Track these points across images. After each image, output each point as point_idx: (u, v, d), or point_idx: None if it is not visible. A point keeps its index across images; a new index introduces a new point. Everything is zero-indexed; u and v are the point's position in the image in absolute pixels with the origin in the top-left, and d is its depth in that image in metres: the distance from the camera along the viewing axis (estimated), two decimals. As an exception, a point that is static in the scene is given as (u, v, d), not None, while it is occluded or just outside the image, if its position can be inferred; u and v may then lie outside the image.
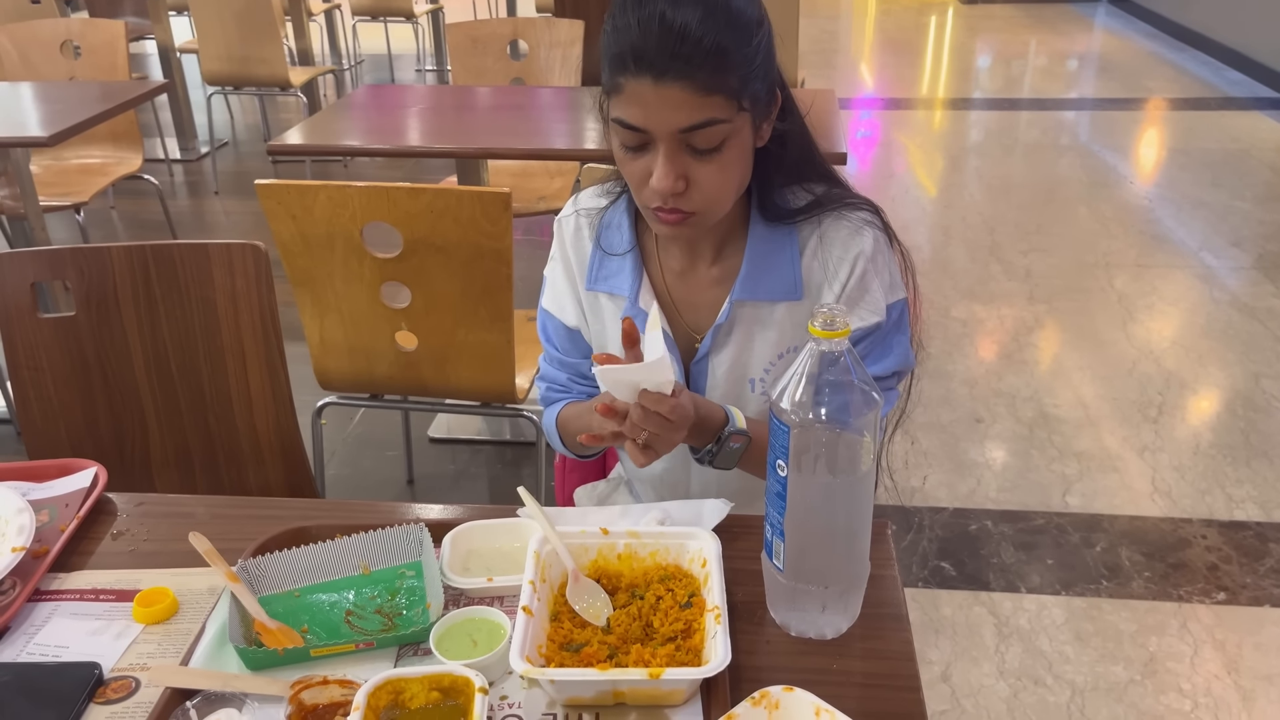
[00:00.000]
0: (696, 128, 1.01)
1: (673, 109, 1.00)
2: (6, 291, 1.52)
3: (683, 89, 0.99)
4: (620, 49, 1.01)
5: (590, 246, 1.23)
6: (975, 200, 4.73)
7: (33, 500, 1.17)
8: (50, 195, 3.38)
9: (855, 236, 1.16)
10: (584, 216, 1.24)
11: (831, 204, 1.17)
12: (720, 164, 1.05)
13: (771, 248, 1.17)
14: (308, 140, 2.62)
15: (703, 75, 0.99)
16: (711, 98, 1.00)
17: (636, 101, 1.01)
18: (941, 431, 2.93)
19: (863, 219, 1.17)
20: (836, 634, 0.97)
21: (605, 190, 1.25)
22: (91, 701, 0.90)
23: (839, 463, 0.89)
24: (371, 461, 2.87)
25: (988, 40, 8.40)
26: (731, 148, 1.05)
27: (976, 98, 6.73)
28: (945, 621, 2.23)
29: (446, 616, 0.95)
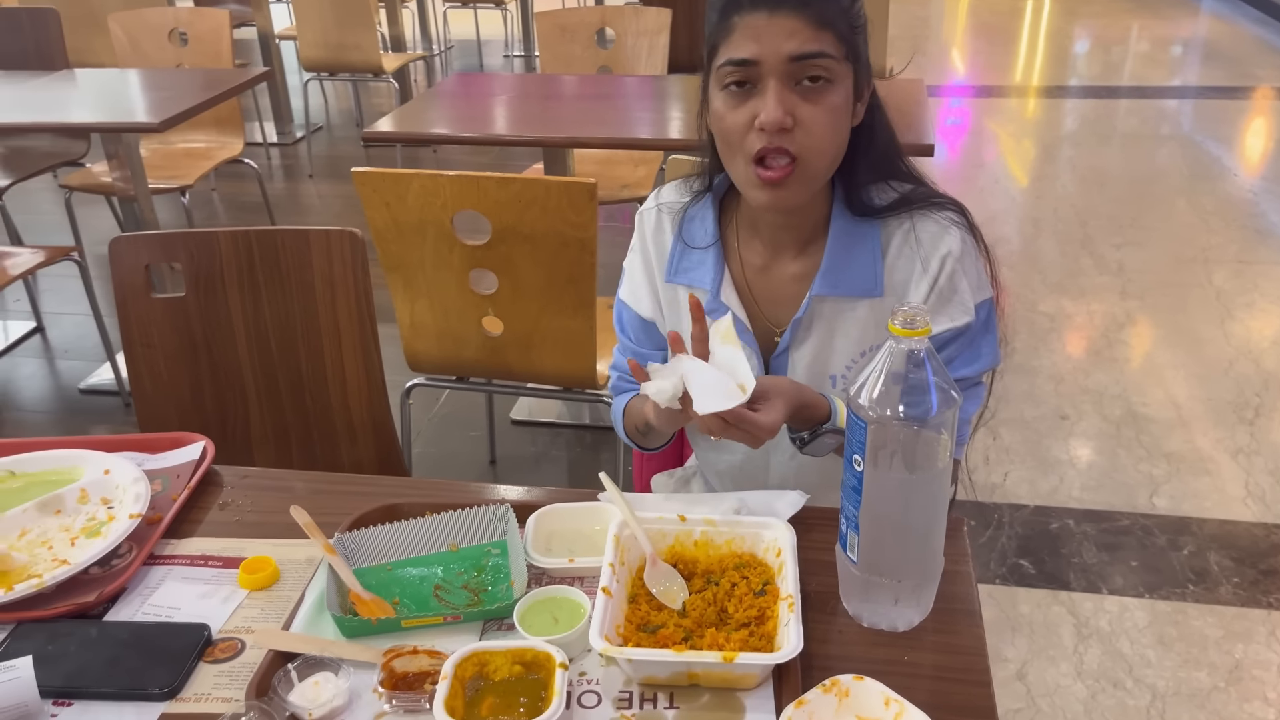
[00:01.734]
0: (808, 57, 1.05)
1: (786, 36, 1.04)
2: (123, 272, 1.61)
3: (797, 18, 1.04)
4: None
5: (671, 239, 1.26)
6: (1068, 191, 4.62)
7: (147, 470, 1.24)
8: (158, 178, 3.53)
9: (943, 236, 1.17)
10: (666, 211, 1.27)
11: (918, 202, 1.18)
12: (826, 108, 1.07)
13: (853, 243, 1.18)
14: (399, 128, 2.69)
15: (817, 7, 1.04)
16: (823, 32, 1.05)
17: (749, 34, 1.05)
18: (1025, 428, 2.89)
19: (949, 218, 1.17)
20: (909, 626, 0.98)
21: (689, 186, 1.27)
22: (201, 660, 0.96)
23: (915, 459, 0.91)
24: (456, 441, 2.94)
25: (1087, 25, 8.16)
26: (837, 94, 1.08)
27: (1073, 85, 6.56)
28: (1023, 619, 2.22)
29: (530, 594, 0.99)
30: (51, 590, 1.04)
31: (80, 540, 1.11)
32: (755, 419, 1.04)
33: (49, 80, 3.29)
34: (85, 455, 1.23)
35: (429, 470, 2.79)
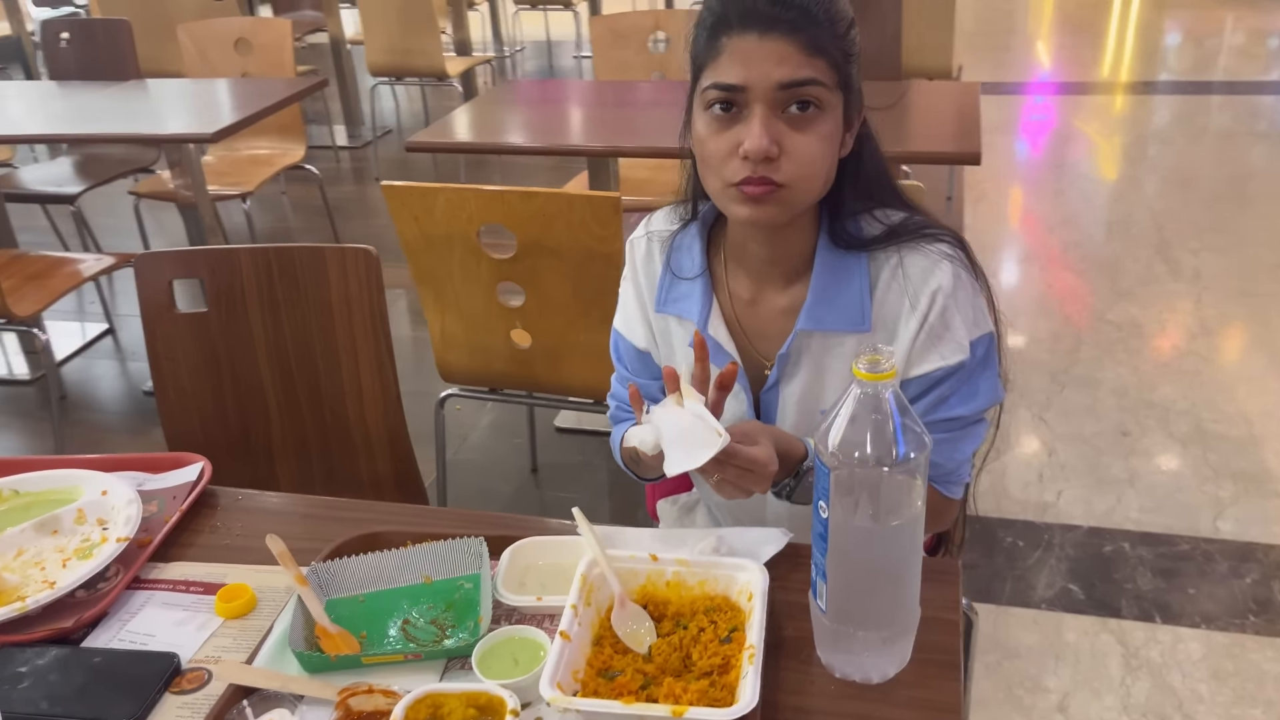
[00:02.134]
0: (798, 84, 1.01)
1: (776, 62, 1.00)
2: (147, 288, 1.65)
3: (788, 44, 1.00)
4: (725, 10, 1.03)
5: (660, 269, 1.23)
6: (1147, 193, 4.44)
7: (146, 491, 1.26)
8: (222, 184, 3.62)
9: (933, 270, 1.11)
10: (655, 239, 1.24)
11: (909, 234, 1.13)
12: (815, 136, 1.03)
13: (840, 276, 1.13)
14: (444, 137, 2.71)
15: (810, 33, 1.01)
16: (815, 59, 1.01)
17: (738, 59, 1.01)
18: (1083, 444, 2.77)
19: (942, 251, 1.12)
20: (883, 679, 0.94)
21: (678, 213, 1.24)
22: (168, 690, 0.97)
23: (883, 506, 0.86)
24: (502, 449, 2.95)
25: (1178, 17, 7.83)
26: (827, 122, 1.04)
27: (1162, 80, 6.31)
28: (1068, 648, 2.13)
29: (493, 633, 0.97)
30: (37, 613, 1.06)
31: (72, 562, 1.13)
32: (751, 453, 1.00)
33: (119, 90, 3.40)
34: (86, 476, 1.25)
35: (472, 476, 2.81)
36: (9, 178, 3.90)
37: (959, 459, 1.18)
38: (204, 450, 1.73)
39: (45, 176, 3.89)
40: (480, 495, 2.73)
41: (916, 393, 1.15)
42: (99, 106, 3.26)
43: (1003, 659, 2.11)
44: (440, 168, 5.30)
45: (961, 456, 1.18)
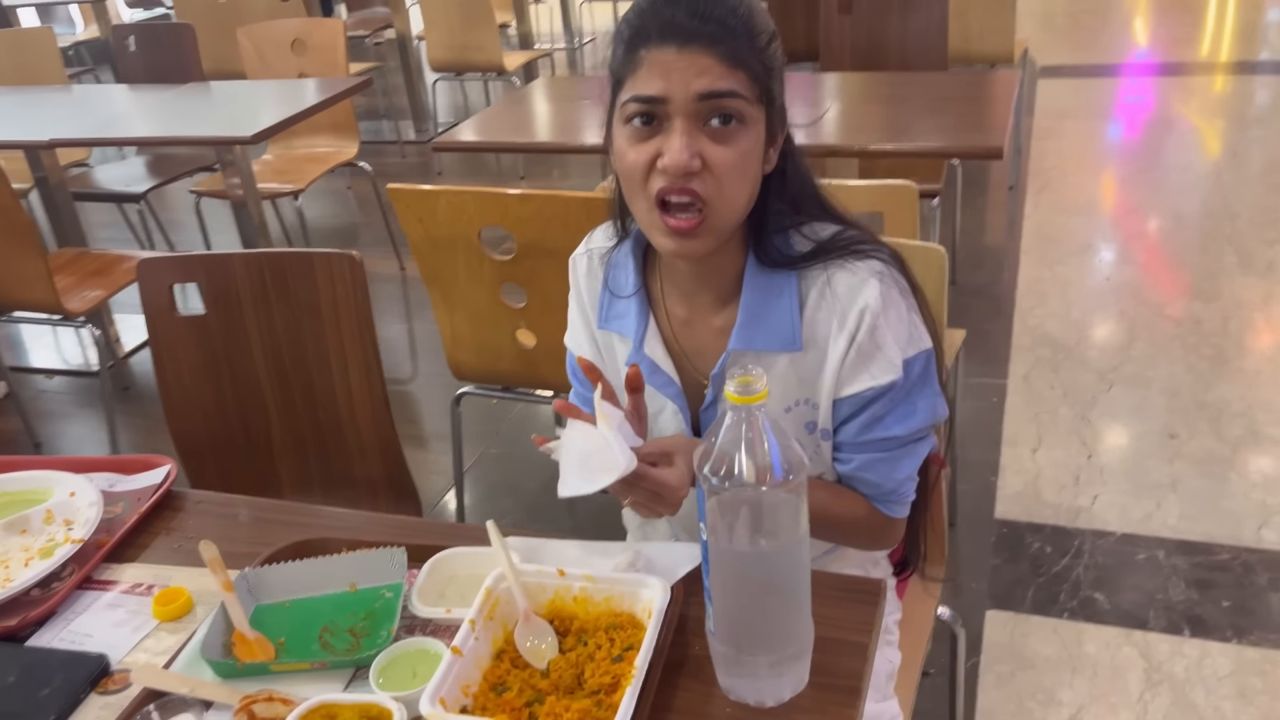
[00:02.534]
0: (719, 95, 0.99)
1: (697, 73, 0.99)
2: (150, 292, 1.71)
3: (708, 55, 0.99)
4: (643, 24, 1.02)
5: (600, 286, 1.22)
6: (1225, 180, 4.22)
7: (115, 492, 1.32)
8: (278, 181, 3.73)
9: (860, 289, 1.08)
10: (595, 255, 1.24)
11: (837, 251, 1.10)
12: (737, 151, 1.02)
13: (769, 295, 1.11)
14: (476, 135, 2.74)
15: (730, 45, 0.99)
16: (736, 71, 1.00)
17: (657, 70, 1.00)
18: (1125, 446, 2.67)
19: (870, 269, 1.08)
20: (778, 702, 0.92)
21: (615, 229, 1.23)
22: (93, 691, 1.01)
23: (761, 528, 0.85)
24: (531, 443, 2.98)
25: (1279, -10, 7.41)
26: (749, 137, 1.02)
27: (1264, 60, 5.99)
28: (1086, 660, 2.05)
29: (398, 644, 0.99)
30: (-8, 610, 1.11)
31: (34, 561, 1.19)
32: (659, 476, 1.00)
33: (180, 92, 3.53)
34: (58, 477, 1.31)
35: (497, 471, 2.84)
36: (84, 177, 4.08)
37: (898, 478, 1.15)
38: (208, 449, 1.80)
39: (117, 176, 4.06)
40: (507, 491, 2.77)
41: (849, 412, 1.13)
42: (158, 109, 3.40)
43: (1016, 669, 2.05)
44: (502, 162, 5.36)
45: (901, 475, 1.15)
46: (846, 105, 2.78)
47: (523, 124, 2.90)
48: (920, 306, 1.12)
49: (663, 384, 1.17)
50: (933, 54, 3.26)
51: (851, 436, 1.13)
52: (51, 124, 3.23)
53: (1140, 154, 4.66)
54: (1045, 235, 3.91)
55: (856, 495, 1.16)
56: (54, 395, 3.47)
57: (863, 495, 1.16)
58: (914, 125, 2.54)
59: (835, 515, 1.15)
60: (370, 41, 6.79)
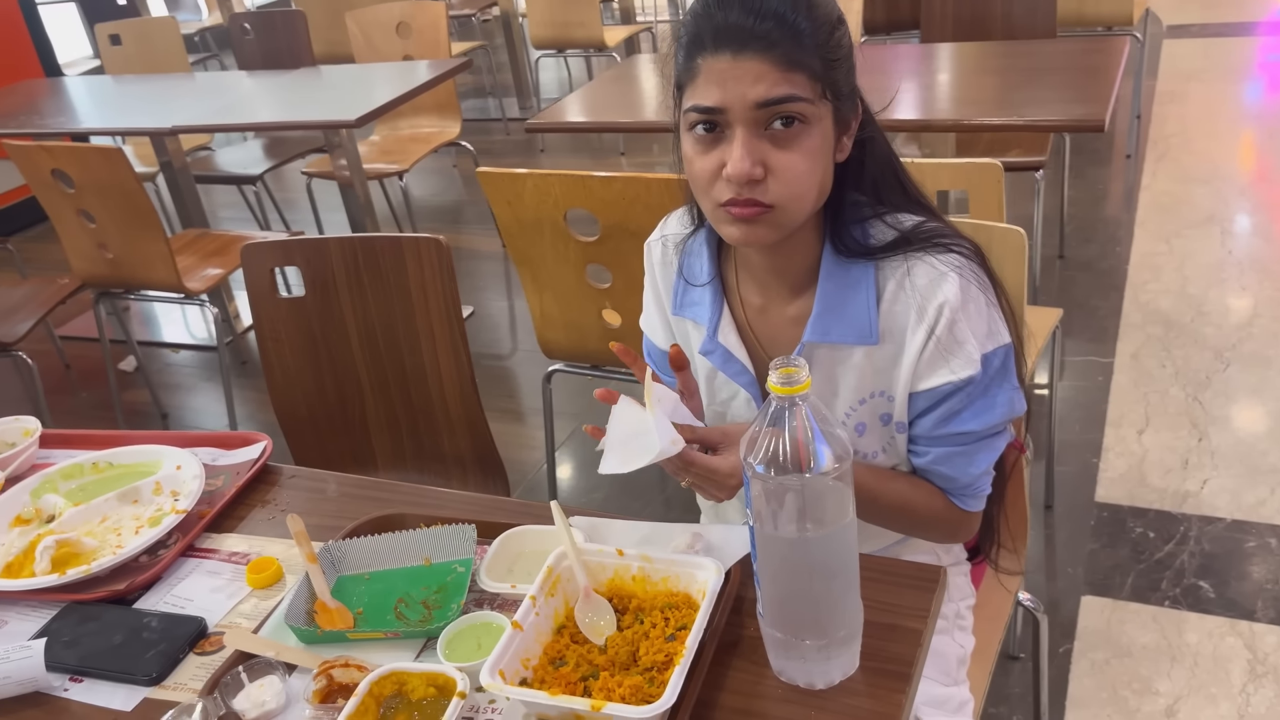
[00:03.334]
0: (776, 102, 0.98)
1: (752, 82, 0.98)
2: (253, 275, 1.80)
3: (763, 62, 0.97)
4: (698, 30, 1.01)
5: (675, 273, 1.24)
6: (1363, 145, 3.96)
7: (216, 466, 1.41)
8: (384, 162, 3.84)
9: (940, 283, 1.06)
10: (670, 242, 1.25)
11: (918, 243, 1.08)
12: (801, 153, 1.01)
13: (845, 287, 1.10)
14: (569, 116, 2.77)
15: (784, 49, 0.97)
16: (793, 74, 0.98)
17: (714, 80, 0.99)
18: (1240, 429, 2.56)
19: (951, 263, 1.07)
20: (828, 684, 0.93)
21: (691, 216, 1.24)
22: (191, 651, 1.09)
23: (807, 515, 0.86)
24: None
25: None
26: (813, 136, 1.01)
27: None
28: (1186, 650, 1.99)
29: (465, 617, 1.04)
30: (105, 574, 1.21)
31: (143, 529, 1.28)
32: (709, 462, 1.02)
33: (293, 77, 3.67)
34: (166, 451, 1.40)
35: (586, 447, 2.89)
36: (206, 160, 4.29)
37: (974, 473, 1.14)
38: (308, 425, 1.89)
39: (236, 159, 4.25)
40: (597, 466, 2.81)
41: (926, 405, 1.12)
42: (272, 94, 3.54)
43: (1111, 657, 2.00)
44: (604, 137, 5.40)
45: (977, 470, 1.14)
46: (944, 77, 2.72)
47: (618, 101, 2.93)
48: (1000, 300, 1.10)
49: (736, 372, 1.18)
50: (1040, 20, 3.14)
51: (928, 430, 1.12)
52: (175, 111, 3.40)
53: (1272, 118, 4.40)
54: (1163, 206, 3.74)
55: (935, 488, 1.16)
56: (179, 369, 3.68)
57: (938, 488, 1.16)
58: (1013, 97, 2.47)
59: (913, 507, 1.15)
60: (477, 19, 6.90)
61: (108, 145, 2.67)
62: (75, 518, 1.30)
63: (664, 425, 0.97)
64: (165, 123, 3.25)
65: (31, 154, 2.72)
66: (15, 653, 1.04)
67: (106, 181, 2.70)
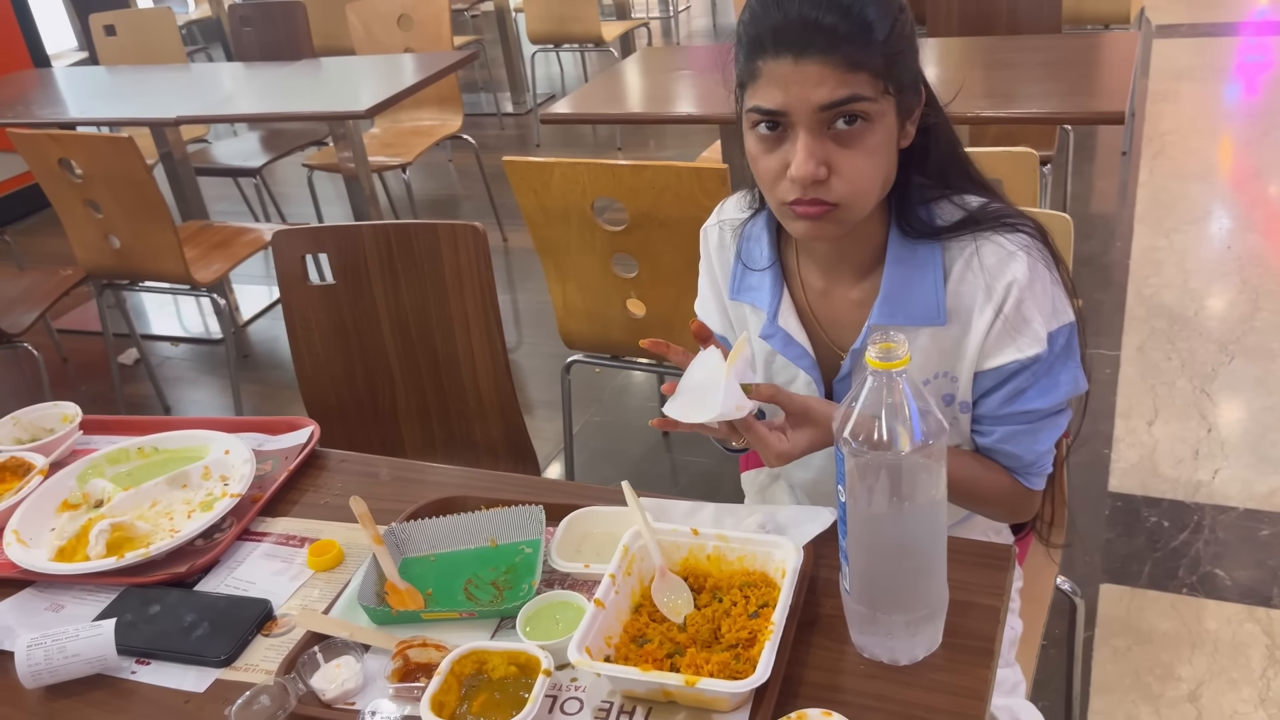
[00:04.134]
0: (839, 104, 0.98)
1: (814, 85, 0.97)
2: (284, 262, 1.79)
3: (824, 64, 0.97)
4: (758, 30, 1.00)
5: (733, 257, 1.24)
6: (1354, 143, 4.02)
7: (264, 451, 1.40)
8: (385, 154, 3.83)
9: (1009, 262, 1.07)
10: (727, 227, 1.25)
11: (985, 222, 1.09)
12: (864, 151, 1.01)
13: (912, 269, 1.11)
14: (579, 108, 2.77)
15: (845, 50, 0.96)
16: (855, 75, 0.97)
17: (776, 83, 0.99)
18: (1248, 419, 2.59)
19: (1019, 242, 1.08)
20: (911, 661, 0.94)
21: (748, 201, 1.24)
22: (259, 633, 1.09)
23: (900, 492, 0.87)
24: (634, 412, 3.03)
25: None
26: (876, 133, 1.01)
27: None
28: (1206, 636, 2.02)
29: (540, 596, 1.04)
30: (161, 558, 1.20)
31: (196, 513, 1.27)
32: (761, 434, 1.02)
33: (293, 69, 3.64)
34: (213, 436, 1.39)
35: (603, 438, 2.89)
36: (203, 152, 4.25)
37: (1039, 450, 1.15)
38: (337, 413, 1.88)
39: (233, 150, 4.22)
40: (610, 456, 2.82)
41: (991, 385, 1.13)
42: (272, 86, 3.51)
43: (1133, 644, 2.02)
44: (599, 132, 5.40)
45: (1041, 448, 1.15)
46: (954, 71, 2.73)
47: (625, 95, 2.93)
48: (1064, 279, 1.11)
49: (797, 356, 1.19)
50: (1045, 15, 3.17)
51: (993, 409, 1.13)
52: (174, 102, 3.37)
53: (1263, 116, 4.46)
54: (1161, 202, 3.78)
55: (1000, 467, 1.17)
56: (178, 362, 3.65)
57: (1003, 467, 1.17)
58: (1025, 90, 2.49)
59: (983, 486, 1.16)
60: (468, 14, 6.88)
61: (116, 135, 2.64)
62: (125, 502, 1.29)
63: (733, 388, 0.97)
64: (166, 113, 3.22)
65: (39, 143, 2.69)
66: (84, 631, 1.03)
67: (115, 171, 2.68)
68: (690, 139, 4.90)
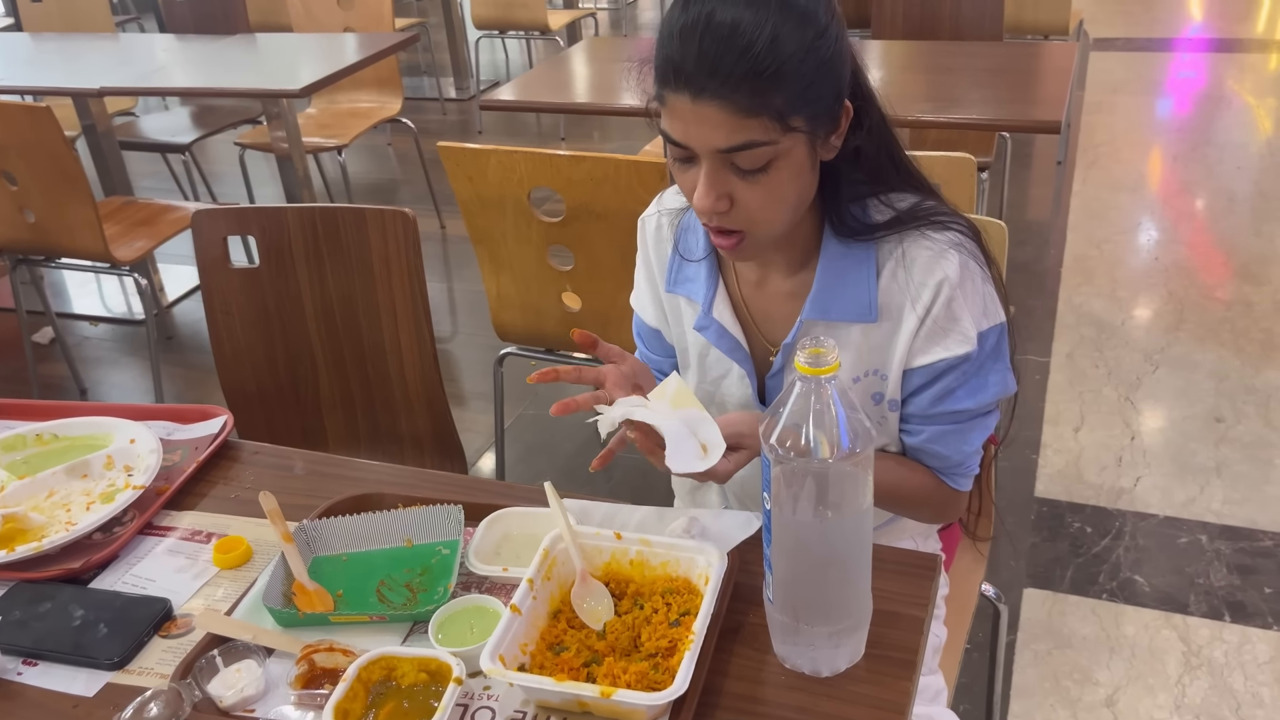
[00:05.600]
0: (735, 150, 0.95)
1: (711, 129, 0.94)
2: (204, 243, 1.72)
3: (720, 109, 0.93)
4: (662, 61, 0.96)
5: (670, 249, 1.21)
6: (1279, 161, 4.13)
7: (173, 440, 1.34)
8: (321, 136, 3.73)
9: (939, 261, 1.06)
10: (665, 216, 1.23)
11: (916, 221, 1.08)
12: (766, 185, 0.98)
13: (845, 266, 1.09)
14: (522, 95, 2.72)
15: (741, 97, 0.92)
16: (752, 120, 0.93)
17: (678, 116, 0.96)
18: (1170, 429, 2.64)
19: (950, 240, 1.07)
20: (833, 672, 0.92)
21: None
22: (156, 634, 1.03)
23: (826, 500, 0.84)
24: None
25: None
26: (780, 169, 0.98)
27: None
28: (1124, 641, 2.05)
29: (455, 601, 1.00)
30: (55, 552, 1.13)
31: (95, 505, 1.21)
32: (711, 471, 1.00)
33: (228, 44, 3.53)
34: (118, 424, 1.33)
35: (536, 433, 2.85)
36: (130, 126, 4.11)
37: (966, 451, 1.15)
38: (257, 401, 1.82)
39: (162, 125, 4.09)
40: (545, 451, 2.78)
41: (920, 383, 1.12)
42: (205, 59, 3.40)
43: (1053, 648, 2.04)
44: (543, 121, 5.34)
45: (969, 449, 1.15)
46: (897, 74, 2.74)
47: (569, 85, 2.88)
48: (995, 280, 1.10)
49: (731, 348, 1.17)
50: (987, 23, 3.19)
51: (923, 408, 1.12)
52: (100, 72, 3.24)
53: (1193, 131, 4.56)
54: (1093, 212, 3.85)
55: (925, 468, 1.16)
56: (97, 342, 3.52)
57: (929, 468, 1.16)
58: (966, 96, 2.50)
59: (908, 488, 1.15)
60: (413, -3, 6.76)
61: (34, 104, 2.53)
62: (19, 492, 1.22)
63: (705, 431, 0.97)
64: (91, 83, 3.10)
65: (-51, 109, 2.56)
66: (-35, 633, 0.97)
67: (31, 141, 2.56)
68: (635, 132, 4.87)
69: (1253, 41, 5.84)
